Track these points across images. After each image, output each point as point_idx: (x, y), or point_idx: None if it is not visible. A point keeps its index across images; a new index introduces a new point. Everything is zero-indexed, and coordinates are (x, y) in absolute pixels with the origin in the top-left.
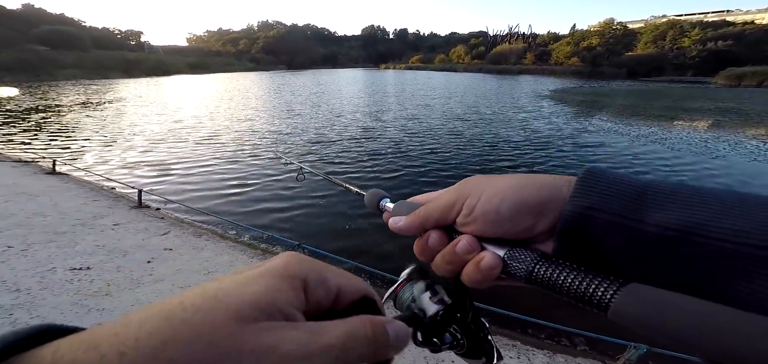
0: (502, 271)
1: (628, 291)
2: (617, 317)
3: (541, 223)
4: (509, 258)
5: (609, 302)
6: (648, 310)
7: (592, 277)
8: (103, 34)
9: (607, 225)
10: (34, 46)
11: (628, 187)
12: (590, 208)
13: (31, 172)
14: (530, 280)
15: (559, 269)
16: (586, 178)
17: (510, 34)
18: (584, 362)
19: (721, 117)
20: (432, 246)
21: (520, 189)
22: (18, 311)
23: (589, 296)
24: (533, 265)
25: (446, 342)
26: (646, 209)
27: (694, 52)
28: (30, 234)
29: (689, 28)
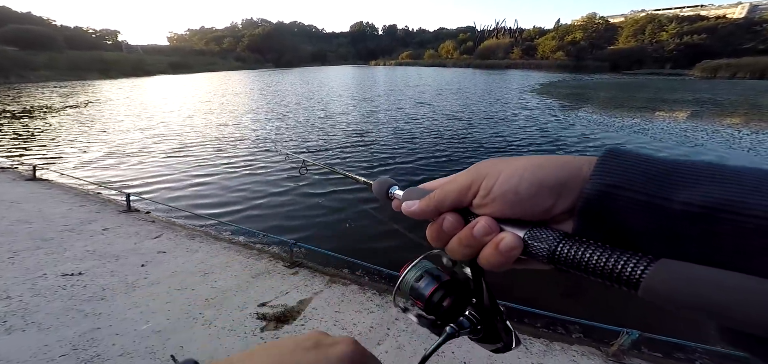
0: (523, 252)
1: (660, 266)
2: (649, 293)
3: (561, 203)
4: (530, 238)
5: (639, 279)
6: (682, 285)
7: (620, 254)
8: (76, 34)
9: (631, 203)
10: (1, 46)
11: (653, 165)
12: (613, 186)
13: (10, 179)
14: (553, 260)
15: (584, 247)
16: (608, 156)
17: (497, 28)
18: (580, 349)
19: (699, 107)
20: (447, 230)
21: (539, 168)
22: (12, 318)
23: (618, 274)
24: (556, 244)
25: (465, 327)
26: (673, 186)
27: (672, 46)
28: (15, 242)
29: (667, 22)
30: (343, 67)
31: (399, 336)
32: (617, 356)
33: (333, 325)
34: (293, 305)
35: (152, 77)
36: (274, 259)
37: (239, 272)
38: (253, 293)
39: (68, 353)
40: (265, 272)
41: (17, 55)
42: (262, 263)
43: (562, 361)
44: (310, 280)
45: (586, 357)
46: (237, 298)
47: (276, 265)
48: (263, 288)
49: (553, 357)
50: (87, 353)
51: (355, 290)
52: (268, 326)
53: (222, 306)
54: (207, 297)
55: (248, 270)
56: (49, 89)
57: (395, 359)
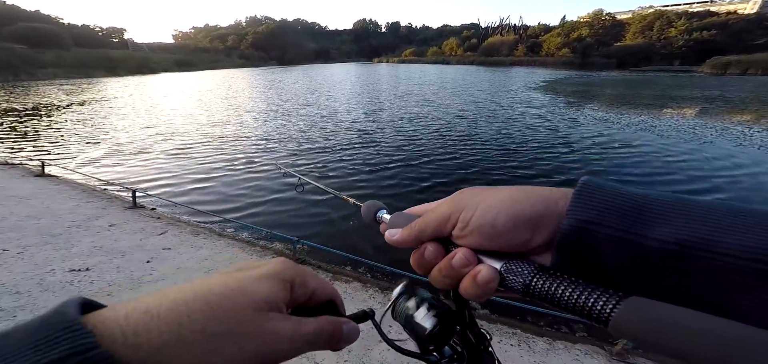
0: (500, 284)
1: (629, 304)
2: (617, 330)
3: (538, 236)
4: (506, 271)
5: (609, 316)
6: (649, 324)
7: (591, 290)
8: (83, 32)
9: (607, 239)
10: (10, 44)
11: (627, 200)
12: (589, 222)
13: (20, 175)
14: (528, 293)
15: (557, 282)
16: (583, 191)
17: (501, 25)
18: (583, 349)
19: (708, 104)
20: (428, 259)
21: (515, 202)
22: (21, 313)
23: (589, 309)
24: (531, 278)
25: (446, 356)
26: (647, 222)
27: (681, 42)
28: (24, 237)
29: (675, 18)
30: (346, 65)
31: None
32: (621, 354)
33: None
34: None
35: (157, 75)
36: (277, 256)
37: None
38: None
39: None
40: None
41: (26, 52)
42: (266, 260)
43: (565, 360)
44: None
45: (589, 356)
46: None
47: None
48: None
49: (556, 356)
50: None
51: (358, 288)
52: None
53: None
54: None
55: None
56: (57, 87)
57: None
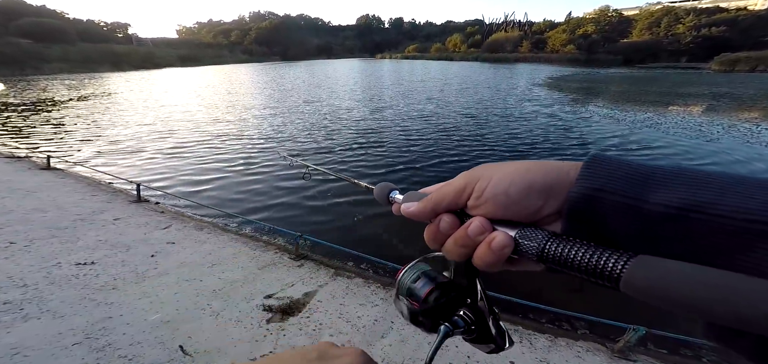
0: (514, 251)
1: (637, 262)
2: (628, 287)
3: (549, 205)
4: (521, 237)
5: (620, 274)
6: (657, 279)
7: (602, 251)
8: (89, 27)
9: (613, 205)
10: (17, 39)
11: (633, 169)
12: (596, 189)
13: (26, 168)
14: (542, 258)
15: (569, 246)
16: (592, 162)
17: (506, 22)
18: (585, 346)
19: (715, 102)
20: (443, 230)
21: (528, 172)
22: (28, 306)
23: (600, 270)
24: (545, 242)
25: (459, 326)
26: (650, 189)
27: (689, 39)
28: (31, 230)
29: (683, 14)
30: (348, 61)
31: (402, 329)
32: (623, 352)
33: (337, 318)
34: (299, 297)
35: (161, 70)
36: (280, 251)
37: (246, 263)
38: (260, 284)
39: (81, 341)
40: (272, 264)
41: (32, 47)
42: (269, 255)
43: (566, 356)
44: (316, 273)
45: (591, 353)
46: (244, 289)
47: (282, 257)
48: (269, 280)
49: (558, 353)
50: (99, 342)
51: (360, 284)
52: (274, 318)
53: (229, 297)
54: (214, 288)
55: (255, 262)
56: (62, 81)
57: (399, 351)
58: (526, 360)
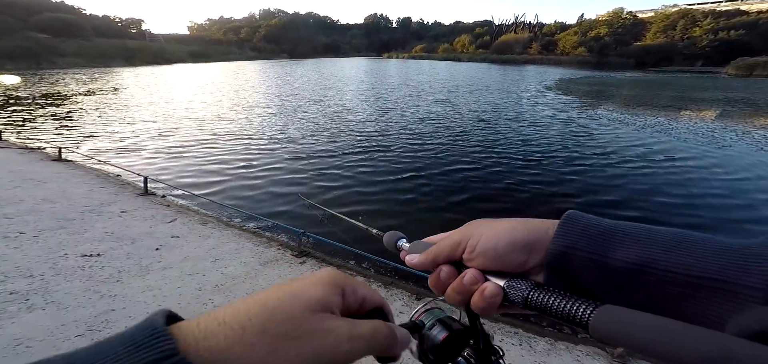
0: (504, 299)
1: (602, 311)
2: (594, 332)
3: (533, 258)
4: (508, 287)
5: (588, 320)
6: (616, 325)
7: (574, 300)
8: (104, 22)
9: (583, 260)
10: (35, 34)
11: (598, 229)
12: (569, 247)
13: (38, 160)
14: (526, 305)
15: (548, 295)
16: (566, 221)
17: (516, 23)
18: (585, 349)
19: (730, 107)
20: (443, 279)
21: (513, 231)
22: (33, 297)
23: (573, 316)
24: (528, 292)
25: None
26: (613, 247)
27: (705, 42)
28: (40, 220)
29: (701, 17)
30: (355, 59)
31: None
32: (622, 357)
33: None
34: None
35: (172, 65)
36: (282, 247)
37: (249, 259)
38: (262, 280)
39: (84, 333)
40: (274, 260)
41: (49, 42)
42: (271, 251)
43: (566, 360)
44: (317, 270)
45: (591, 357)
46: (246, 285)
47: (284, 254)
48: (271, 276)
49: (558, 356)
50: (101, 335)
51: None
52: None
53: (231, 293)
54: (217, 283)
55: (257, 258)
56: (76, 75)
57: None
58: (525, 363)
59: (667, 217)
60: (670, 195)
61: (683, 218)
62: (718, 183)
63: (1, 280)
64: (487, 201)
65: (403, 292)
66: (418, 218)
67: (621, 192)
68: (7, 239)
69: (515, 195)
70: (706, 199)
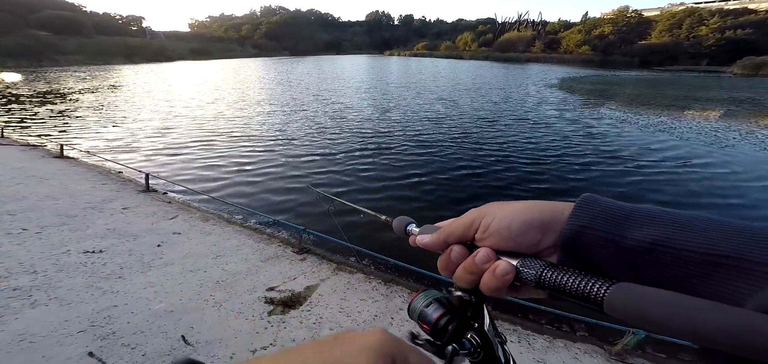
0: (516, 278)
1: (617, 288)
2: (610, 309)
3: (546, 238)
4: (521, 266)
5: (603, 298)
6: (632, 302)
7: (589, 278)
8: (104, 20)
9: (597, 240)
10: (36, 31)
11: (614, 210)
12: (584, 226)
13: (40, 156)
14: (539, 284)
15: (562, 273)
16: (582, 202)
17: (519, 21)
18: (583, 347)
19: (735, 107)
20: (454, 259)
21: (528, 211)
22: (37, 293)
23: (587, 294)
24: (542, 271)
25: (465, 348)
26: (628, 227)
27: (711, 41)
28: (43, 217)
29: (708, 16)
30: (357, 57)
31: (403, 325)
32: (621, 354)
33: (338, 312)
34: (300, 290)
35: (173, 63)
36: (283, 244)
37: (250, 255)
38: (263, 277)
39: (86, 328)
40: (275, 256)
41: (50, 39)
42: (272, 247)
43: (564, 358)
44: (318, 266)
45: (588, 355)
46: (247, 281)
47: (285, 250)
48: (272, 273)
49: (556, 353)
50: (103, 330)
51: (361, 279)
52: (276, 311)
53: (232, 289)
54: (218, 279)
55: (258, 254)
56: (77, 72)
57: None
58: (523, 360)
59: None
60: (672, 194)
61: None
62: (721, 183)
63: (4, 276)
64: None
65: (403, 289)
66: (420, 216)
67: (624, 191)
68: (10, 235)
69: (521, 194)
70: (710, 198)
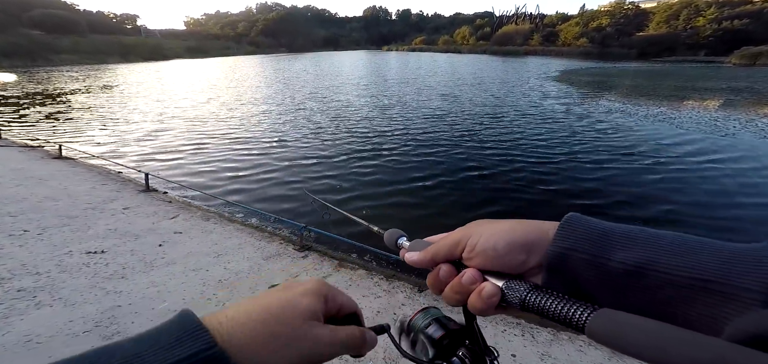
0: (501, 300)
1: (598, 314)
2: (591, 334)
3: (532, 259)
4: (506, 288)
5: (584, 324)
6: (613, 329)
7: (572, 303)
8: (98, 18)
9: (582, 262)
10: (28, 30)
11: (598, 231)
12: (568, 248)
13: (39, 157)
14: (524, 306)
15: (546, 297)
16: (565, 224)
17: (517, 14)
18: (588, 340)
19: (734, 96)
20: (442, 278)
21: (512, 231)
22: (40, 294)
23: (569, 319)
24: (526, 294)
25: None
26: (613, 249)
27: (709, 32)
28: (44, 218)
29: (705, 7)
30: (355, 53)
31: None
32: None
33: None
34: None
35: (169, 61)
36: (284, 242)
37: (251, 254)
38: (265, 275)
39: (91, 329)
40: (276, 254)
41: (43, 39)
42: (274, 245)
43: (569, 351)
44: (320, 264)
45: (593, 347)
46: (249, 280)
47: (287, 248)
48: (274, 271)
49: (560, 346)
50: (108, 331)
51: (363, 275)
52: None
53: (234, 288)
54: (220, 278)
55: (260, 252)
56: (73, 72)
57: None
58: (527, 353)
59: (669, 206)
60: (672, 186)
61: (686, 207)
62: (721, 170)
63: (8, 278)
64: (489, 198)
65: (405, 285)
66: (418, 215)
67: (623, 184)
68: (12, 237)
69: (518, 191)
70: (711, 186)
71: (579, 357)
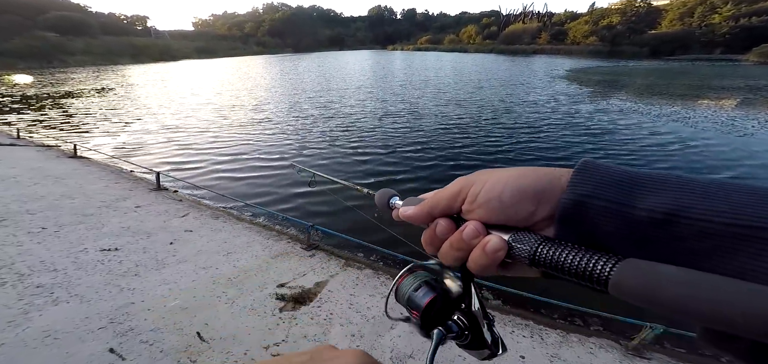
0: (507, 254)
1: (625, 265)
2: (616, 289)
3: (541, 209)
4: (514, 241)
5: (608, 276)
6: (644, 281)
7: (591, 254)
8: (110, 20)
9: (602, 210)
10: (43, 32)
11: (621, 176)
12: (586, 195)
13: (55, 156)
14: (534, 261)
15: (560, 249)
16: (582, 168)
17: (524, 13)
18: (598, 342)
19: (752, 95)
20: (440, 234)
21: (521, 178)
22: (58, 290)
23: (590, 273)
24: (537, 246)
25: (453, 331)
26: (638, 195)
27: (725, 29)
28: (60, 216)
29: (721, 3)
30: (360, 52)
31: None
32: (638, 349)
33: (347, 308)
34: (310, 286)
35: (179, 62)
36: (292, 241)
37: (260, 252)
38: (273, 273)
39: (106, 325)
40: (284, 253)
41: (57, 40)
42: (281, 244)
43: (578, 352)
44: (327, 262)
45: (604, 350)
46: (257, 278)
47: (294, 247)
48: (282, 269)
49: (570, 348)
50: (122, 327)
51: (370, 274)
52: (287, 307)
53: (243, 285)
54: (230, 276)
55: (268, 251)
56: (86, 73)
57: (408, 343)
58: (536, 355)
59: None
60: None
61: None
62: (738, 170)
63: (28, 273)
64: None
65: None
66: None
67: None
68: (31, 234)
69: None
70: None
71: (589, 359)
